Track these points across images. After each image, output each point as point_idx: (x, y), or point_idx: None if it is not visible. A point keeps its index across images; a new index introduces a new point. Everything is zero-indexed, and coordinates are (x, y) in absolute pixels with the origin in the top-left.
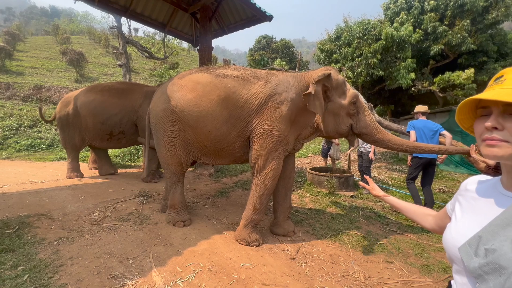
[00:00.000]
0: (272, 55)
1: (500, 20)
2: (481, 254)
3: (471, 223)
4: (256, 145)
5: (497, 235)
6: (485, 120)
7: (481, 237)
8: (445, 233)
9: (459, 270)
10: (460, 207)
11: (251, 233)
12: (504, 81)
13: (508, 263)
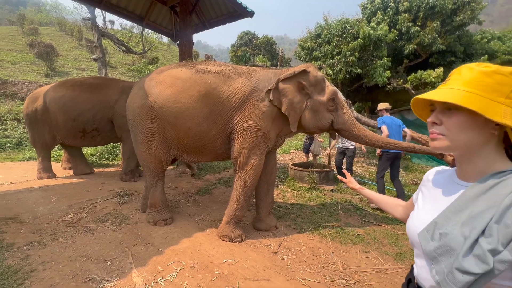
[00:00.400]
0: (255, 51)
1: (467, 22)
2: (436, 238)
3: (430, 210)
4: (237, 141)
5: (449, 220)
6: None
7: (437, 222)
8: (408, 220)
9: (418, 254)
10: (422, 196)
11: (234, 229)
12: (448, 81)
13: (457, 245)
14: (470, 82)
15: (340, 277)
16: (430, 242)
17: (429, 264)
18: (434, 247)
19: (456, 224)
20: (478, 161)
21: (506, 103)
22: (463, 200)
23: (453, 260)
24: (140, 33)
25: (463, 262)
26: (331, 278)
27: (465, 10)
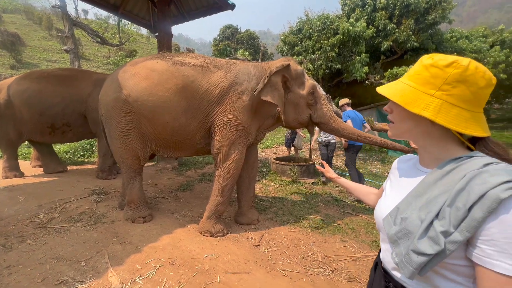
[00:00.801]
0: (237, 45)
1: (438, 21)
2: (397, 222)
3: (395, 197)
4: (217, 136)
5: (410, 205)
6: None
7: (399, 208)
8: (376, 207)
9: (383, 238)
10: (390, 183)
11: (215, 224)
12: (400, 76)
13: (414, 228)
14: (412, 75)
15: (319, 266)
16: (393, 227)
17: (391, 248)
18: (395, 231)
19: (414, 209)
20: (431, 149)
21: (436, 95)
22: (423, 185)
23: (410, 242)
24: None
25: (418, 244)
26: (310, 267)
27: (436, 9)
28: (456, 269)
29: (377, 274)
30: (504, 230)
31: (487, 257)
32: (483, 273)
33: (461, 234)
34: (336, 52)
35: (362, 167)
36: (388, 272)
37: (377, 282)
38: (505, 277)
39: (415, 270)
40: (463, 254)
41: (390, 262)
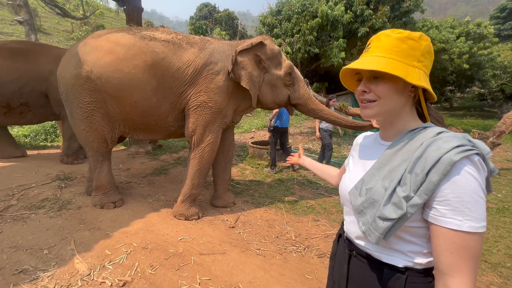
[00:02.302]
0: (215, 25)
1: (412, 9)
2: (363, 193)
3: (359, 171)
4: (192, 118)
5: (374, 176)
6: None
7: (364, 180)
8: (340, 183)
9: (348, 211)
10: (352, 159)
11: (190, 208)
12: (369, 49)
13: (379, 196)
14: (389, 49)
15: (292, 244)
16: (358, 198)
17: (357, 218)
18: (361, 202)
19: (378, 179)
20: (398, 122)
21: (418, 66)
22: (384, 157)
23: (376, 210)
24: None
25: (384, 210)
26: (283, 246)
27: None
28: (413, 231)
29: (340, 244)
30: (455, 190)
31: (441, 216)
32: (438, 231)
33: (420, 197)
34: (314, 36)
35: (336, 151)
36: (352, 242)
37: (341, 251)
38: (455, 231)
39: (381, 235)
40: (420, 216)
41: (355, 232)
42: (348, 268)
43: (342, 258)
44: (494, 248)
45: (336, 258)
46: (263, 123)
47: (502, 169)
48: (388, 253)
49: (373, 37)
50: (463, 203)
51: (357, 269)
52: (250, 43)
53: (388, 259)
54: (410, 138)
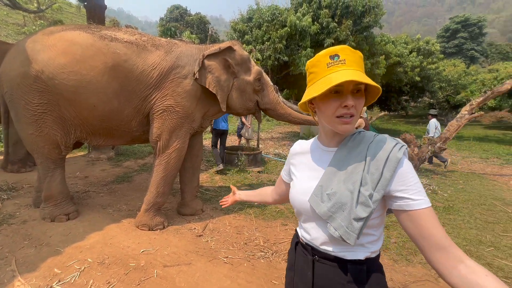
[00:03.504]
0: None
1: (371, 25)
2: (325, 199)
3: (310, 178)
4: (157, 122)
5: (331, 181)
6: (338, 100)
7: (322, 186)
8: (291, 192)
9: (307, 218)
10: (296, 168)
11: (154, 217)
12: (346, 62)
13: (347, 199)
14: (360, 65)
15: (260, 250)
16: (321, 204)
17: (321, 224)
18: (328, 207)
19: (339, 183)
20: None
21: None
22: (336, 161)
23: (348, 213)
24: None
25: (357, 211)
26: (252, 252)
27: (371, 14)
28: (371, 224)
29: (298, 253)
30: (407, 178)
31: (411, 201)
32: (414, 215)
33: (378, 193)
34: (284, 44)
35: None
36: (314, 248)
37: (301, 260)
38: (427, 208)
39: (357, 235)
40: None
41: (319, 238)
42: (312, 274)
43: (304, 265)
44: None
45: (295, 267)
46: (233, 128)
47: (448, 171)
48: (352, 250)
49: (339, 49)
50: (416, 185)
51: (322, 273)
52: (218, 48)
53: (352, 256)
54: (353, 143)
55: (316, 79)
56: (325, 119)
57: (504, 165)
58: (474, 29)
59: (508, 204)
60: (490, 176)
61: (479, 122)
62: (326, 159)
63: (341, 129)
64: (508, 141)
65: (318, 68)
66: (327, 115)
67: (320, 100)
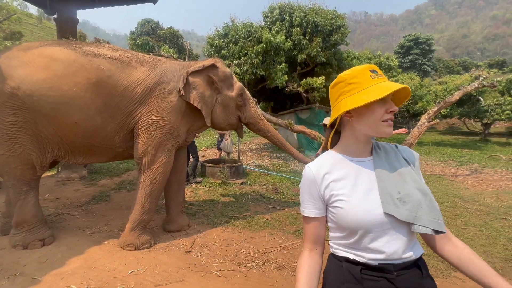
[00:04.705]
0: (159, 42)
1: (338, 42)
2: (399, 204)
3: (365, 191)
4: (142, 138)
5: (394, 186)
6: (383, 106)
7: (389, 192)
8: (346, 215)
9: (378, 235)
10: (339, 188)
11: (140, 236)
12: (383, 76)
13: (419, 197)
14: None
15: (252, 260)
16: (400, 209)
17: (399, 232)
18: (409, 210)
19: (402, 185)
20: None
21: None
22: (382, 168)
23: (427, 207)
24: None
25: (435, 203)
26: (243, 263)
27: (337, 32)
28: None
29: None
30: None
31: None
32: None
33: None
34: (260, 60)
35: (284, 166)
36: (395, 263)
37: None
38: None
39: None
40: None
41: (399, 248)
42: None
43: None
44: None
45: None
46: (212, 141)
47: None
48: (417, 246)
49: (374, 66)
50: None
51: (405, 285)
52: (202, 65)
53: (419, 251)
54: (381, 150)
55: (361, 88)
56: (369, 124)
57: (459, 166)
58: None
59: (466, 200)
60: (449, 177)
61: (435, 128)
62: (368, 169)
63: (387, 131)
64: (460, 145)
65: (362, 79)
66: (373, 120)
67: (367, 107)
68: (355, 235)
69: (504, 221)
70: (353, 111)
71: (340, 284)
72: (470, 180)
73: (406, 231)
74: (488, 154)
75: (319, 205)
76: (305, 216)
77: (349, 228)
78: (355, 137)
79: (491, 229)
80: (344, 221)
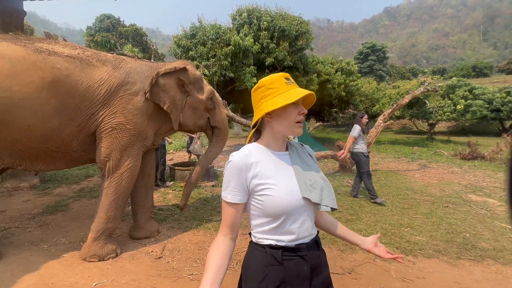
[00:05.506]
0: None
1: (304, 47)
2: (311, 189)
3: (288, 178)
4: (106, 141)
5: (306, 175)
6: (296, 109)
7: (304, 181)
8: (274, 202)
9: (297, 217)
10: (264, 175)
11: (105, 245)
12: (295, 83)
13: (322, 183)
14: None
15: None
16: (312, 193)
17: (308, 213)
18: (317, 194)
19: (312, 175)
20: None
21: None
22: (297, 161)
23: (327, 190)
24: None
25: (331, 187)
26: None
27: (303, 38)
28: None
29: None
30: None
31: None
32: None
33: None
34: (229, 62)
35: None
36: (307, 242)
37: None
38: None
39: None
40: None
41: (308, 227)
42: (310, 267)
43: (298, 266)
44: (373, 229)
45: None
46: (181, 143)
47: (373, 170)
48: (314, 227)
49: (287, 75)
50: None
51: (314, 261)
52: (173, 67)
53: (315, 231)
54: (295, 147)
55: (278, 93)
56: (285, 124)
57: (410, 162)
58: (380, 54)
59: (416, 192)
60: (402, 172)
61: (390, 128)
62: (286, 161)
63: (298, 131)
64: (411, 143)
65: (279, 85)
66: (289, 121)
67: (283, 109)
68: (279, 219)
69: (446, 208)
70: (272, 113)
71: (264, 268)
72: (419, 174)
73: (313, 212)
74: (433, 150)
75: (243, 192)
76: (228, 202)
77: (275, 214)
78: (274, 136)
79: (435, 216)
80: (272, 207)
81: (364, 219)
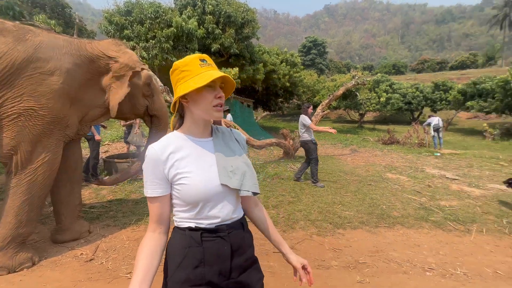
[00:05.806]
0: (35, 9)
1: (250, 36)
2: (231, 175)
3: (207, 166)
4: (10, 131)
5: (228, 161)
6: (212, 93)
7: (224, 167)
8: (188, 189)
9: (216, 203)
10: (182, 166)
11: (16, 255)
12: (212, 66)
13: (246, 168)
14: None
15: None
16: (232, 180)
17: (229, 198)
18: (238, 180)
19: (234, 160)
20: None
21: None
22: (220, 147)
23: (250, 175)
24: None
25: (254, 172)
26: None
27: (249, 26)
28: None
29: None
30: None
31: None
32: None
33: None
34: (171, 45)
35: None
36: (228, 224)
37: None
38: None
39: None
40: None
41: (229, 212)
42: (230, 247)
43: (218, 246)
44: (311, 209)
45: (206, 258)
46: (118, 134)
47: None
48: (239, 210)
49: (204, 56)
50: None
51: (236, 241)
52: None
53: (240, 214)
54: (220, 133)
55: (191, 76)
56: (202, 109)
57: (344, 147)
58: (320, 48)
59: (347, 173)
60: (337, 156)
61: (329, 118)
62: (208, 148)
63: (217, 116)
64: (345, 131)
65: (192, 67)
66: (205, 104)
67: (197, 93)
68: (197, 207)
69: (369, 186)
70: (188, 97)
71: (183, 249)
72: (350, 158)
73: (234, 197)
74: (362, 137)
75: (163, 184)
76: (150, 197)
77: (192, 202)
78: (194, 121)
79: (361, 193)
80: (188, 195)
81: (304, 200)
